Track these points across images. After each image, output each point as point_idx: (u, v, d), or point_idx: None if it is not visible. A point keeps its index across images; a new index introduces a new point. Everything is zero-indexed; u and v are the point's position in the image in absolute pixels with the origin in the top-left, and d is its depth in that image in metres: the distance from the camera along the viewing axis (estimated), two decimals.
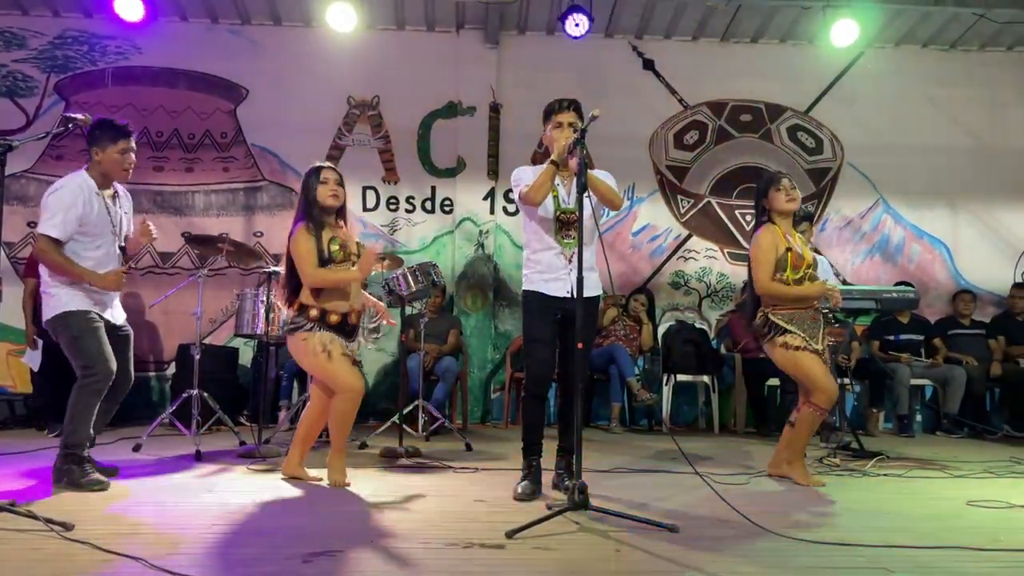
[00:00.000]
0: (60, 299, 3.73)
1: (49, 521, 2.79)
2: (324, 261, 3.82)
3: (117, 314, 3.97)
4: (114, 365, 3.75)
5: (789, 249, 4.16)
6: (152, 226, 4.06)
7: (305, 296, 3.84)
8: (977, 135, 7.83)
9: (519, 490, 3.61)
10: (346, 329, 3.90)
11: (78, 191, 3.71)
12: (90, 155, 3.83)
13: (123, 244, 3.98)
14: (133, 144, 3.87)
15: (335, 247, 3.83)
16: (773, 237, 4.19)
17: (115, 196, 3.94)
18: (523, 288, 3.78)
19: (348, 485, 3.83)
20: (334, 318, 3.83)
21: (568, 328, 3.60)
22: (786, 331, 4.11)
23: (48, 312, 3.77)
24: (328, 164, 4.01)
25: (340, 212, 4.01)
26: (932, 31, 7.64)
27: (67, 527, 2.77)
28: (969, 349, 7.12)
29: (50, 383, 5.83)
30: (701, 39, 7.78)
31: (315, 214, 3.89)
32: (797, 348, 4.09)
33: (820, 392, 4.07)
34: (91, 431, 3.76)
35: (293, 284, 3.89)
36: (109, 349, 3.76)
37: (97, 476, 3.66)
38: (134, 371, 4.02)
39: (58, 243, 3.67)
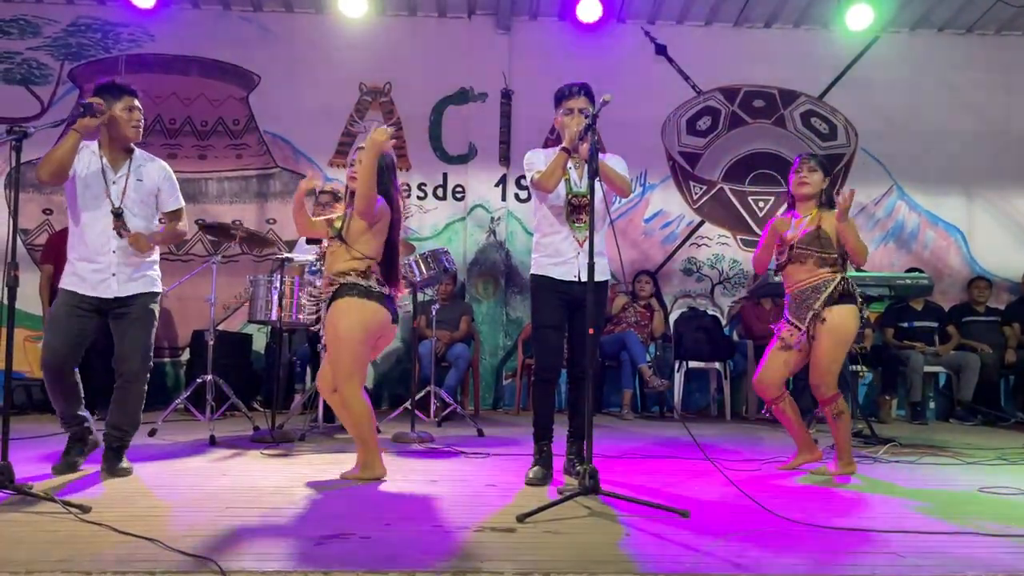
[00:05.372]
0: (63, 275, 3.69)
1: (66, 503, 2.83)
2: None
3: (117, 287, 3.65)
4: (55, 353, 3.58)
5: (781, 239, 4.10)
6: (139, 239, 3.71)
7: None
8: (993, 120, 7.75)
9: (530, 475, 3.62)
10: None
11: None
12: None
13: (117, 209, 3.63)
14: (138, 103, 3.68)
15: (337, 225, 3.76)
16: (772, 234, 4.11)
17: (128, 163, 3.71)
18: (531, 272, 3.78)
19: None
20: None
21: (577, 313, 3.61)
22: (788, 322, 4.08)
23: None
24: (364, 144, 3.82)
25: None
26: (948, 15, 7.57)
27: (84, 509, 2.80)
28: (983, 336, 7.08)
29: None
30: (714, 24, 7.74)
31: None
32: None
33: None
34: (76, 413, 3.72)
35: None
36: (58, 336, 3.59)
37: (62, 463, 3.64)
38: (151, 367, 3.76)
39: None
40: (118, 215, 3.63)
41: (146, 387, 3.77)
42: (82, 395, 3.76)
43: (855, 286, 3.99)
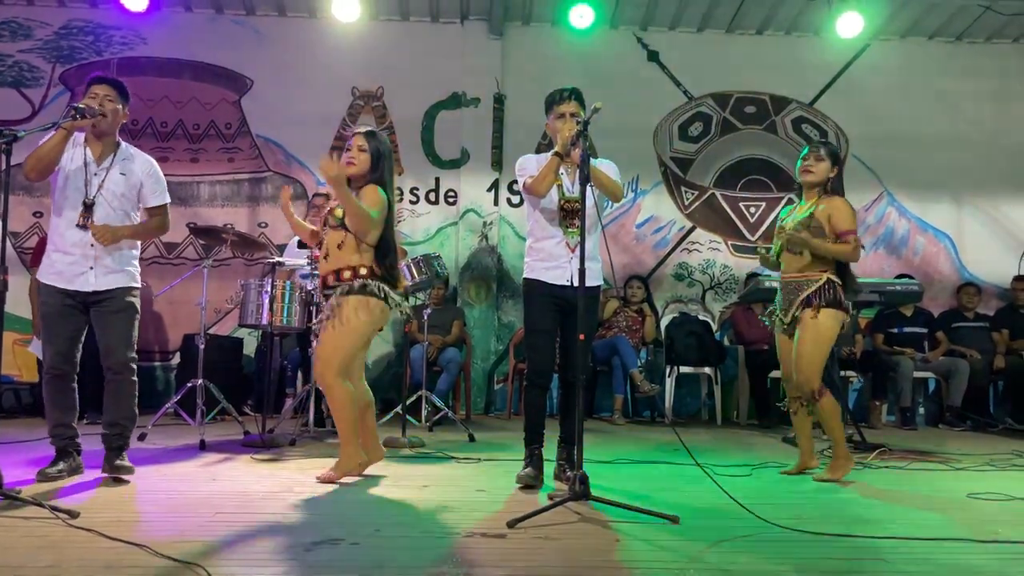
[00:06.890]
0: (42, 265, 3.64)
1: (54, 509, 2.82)
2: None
3: (95, 280, 3.59)
4: (58, 353, 3.54)
5: (782, 227, 4.15)
6: (103, 230, 3.61)
7: None
8: (983, 128, 7.80)
9: (521, 480, 3.63)
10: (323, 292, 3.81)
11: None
12: None
13: (89, 200, 3.57)
14: (103, 89, 3.63)
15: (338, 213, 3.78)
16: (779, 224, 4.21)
17: (112, 156, 3.67)
18: (524, 276, 3.79)
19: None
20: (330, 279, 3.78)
21: (569, 318, 3.62)
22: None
23: None
24: (363, 130, 3.86)
25: (360, 180, 3.78)
26: (938, 23, 7.62)
27: (72, 515, 2.79)
28: (973, 342, 7.11)
29: None
30: (706, 30, 7.77)
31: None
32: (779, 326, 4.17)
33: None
34: (68, 423, 3.63)
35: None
36: (59, 337, 3.56)
37: (44, 471, 3.54)
38: (136, 359, 3.70)
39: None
40: (88, 207, 3.58)
41: (136, 379, 3.71)
42: (77, 405, 3.71)
43: (840, 291, 4.01)
